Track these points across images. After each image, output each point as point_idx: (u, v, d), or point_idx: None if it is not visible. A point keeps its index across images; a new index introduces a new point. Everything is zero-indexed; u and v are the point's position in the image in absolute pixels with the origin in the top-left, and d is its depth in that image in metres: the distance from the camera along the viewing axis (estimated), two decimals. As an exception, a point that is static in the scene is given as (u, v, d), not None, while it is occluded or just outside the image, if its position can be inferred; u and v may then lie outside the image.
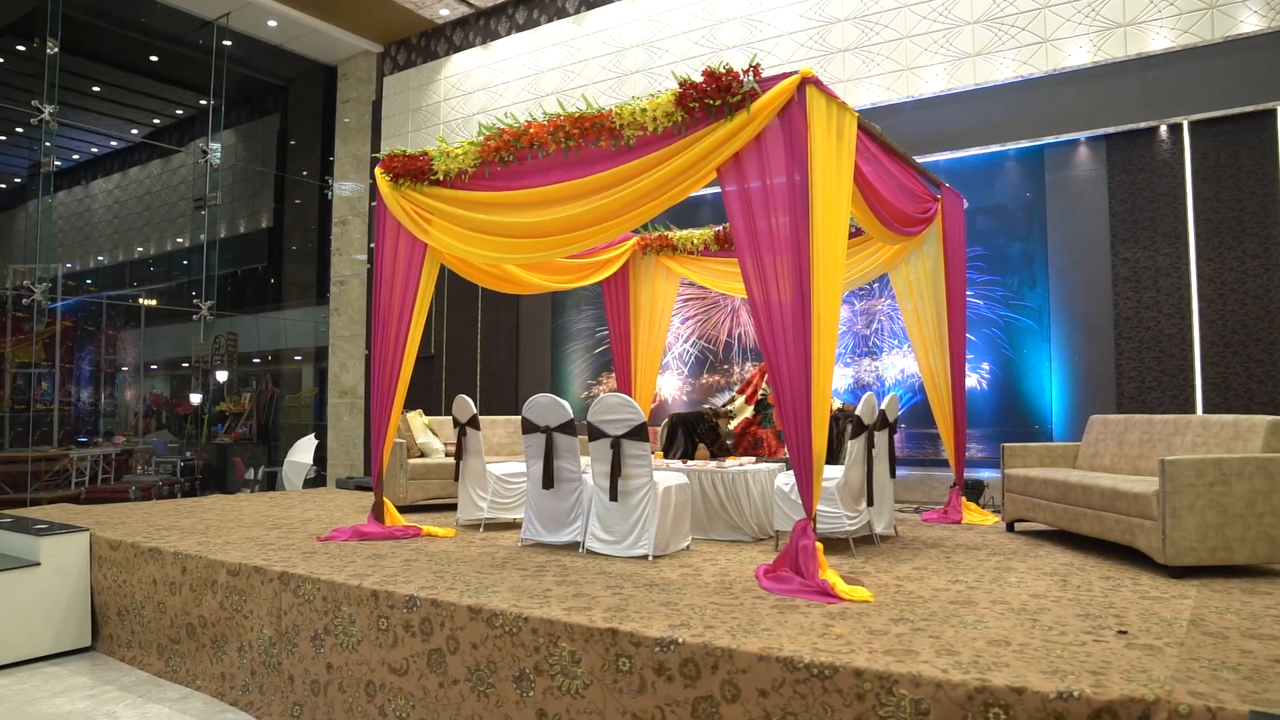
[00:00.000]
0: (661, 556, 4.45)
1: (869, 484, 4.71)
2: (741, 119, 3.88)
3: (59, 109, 10.37)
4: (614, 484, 4.50)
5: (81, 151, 15.49)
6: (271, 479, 12.65)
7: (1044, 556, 4.44)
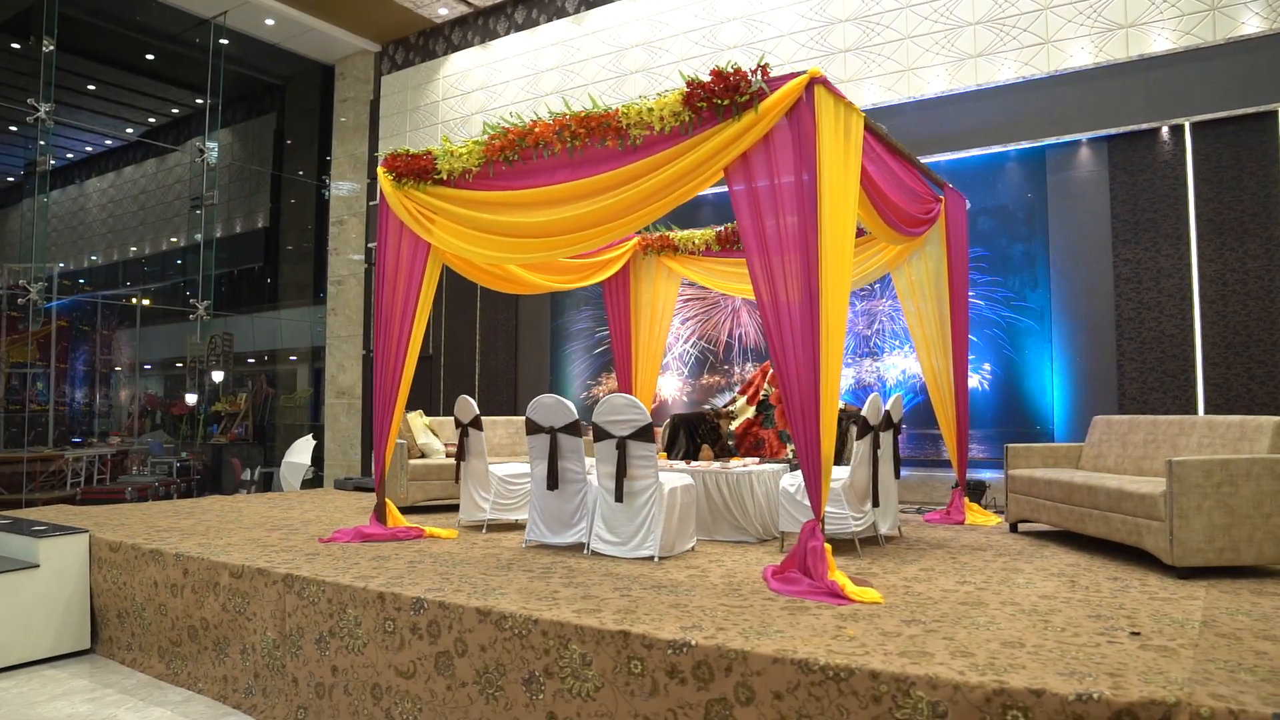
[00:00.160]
0: (667, 558, 4.43)
1: (874, 485, 4.70)
2: (749, 119, 3.86)
3: (54, 107, 10.30)
4: (619, 485, 4.48)
5: (76, 150, 15.40)
6: (268, 480, 12.59)
7: (1050, 557, 4.43)
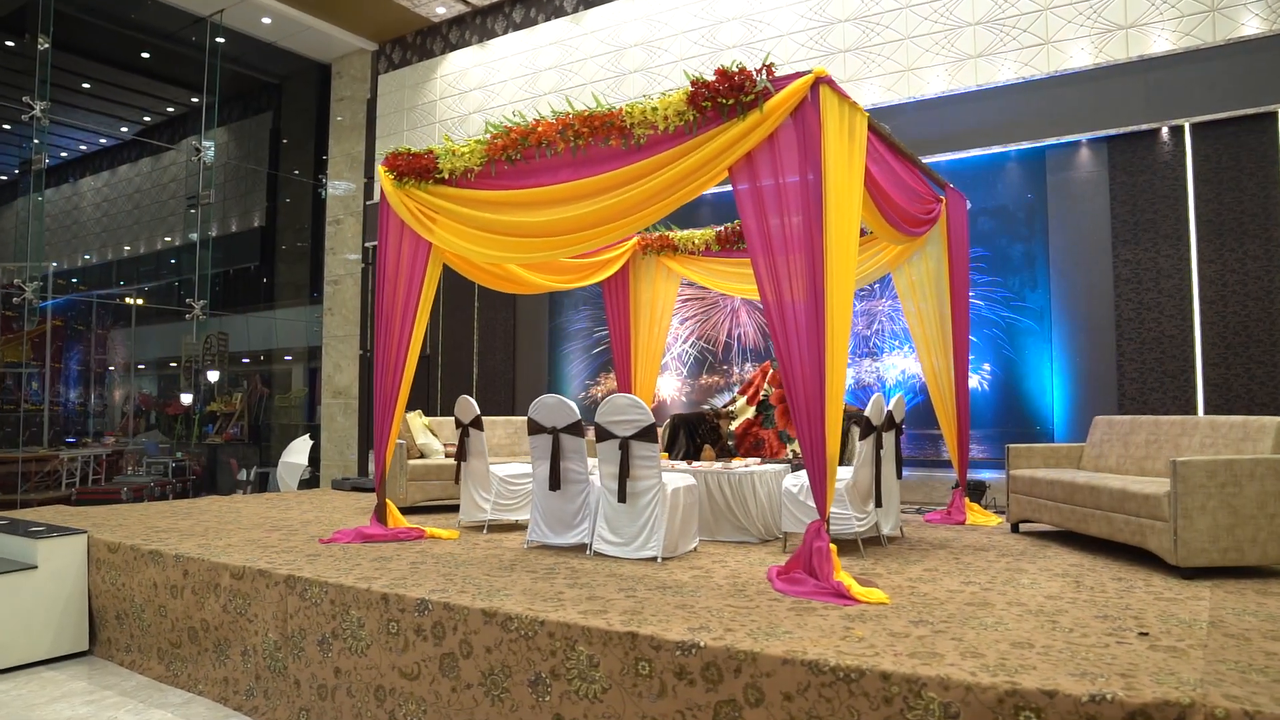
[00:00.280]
0: (670, 558, 4.42)
1: (877, 485, 4.69)
2: (754, 118, 3.85)
3: (50, 105, 10.25)
4: (622, 485, 4.47)
5: (71, 149, 15.32)
6: (264, 480, 12.54)
7: (1053, 557, 4.43)
